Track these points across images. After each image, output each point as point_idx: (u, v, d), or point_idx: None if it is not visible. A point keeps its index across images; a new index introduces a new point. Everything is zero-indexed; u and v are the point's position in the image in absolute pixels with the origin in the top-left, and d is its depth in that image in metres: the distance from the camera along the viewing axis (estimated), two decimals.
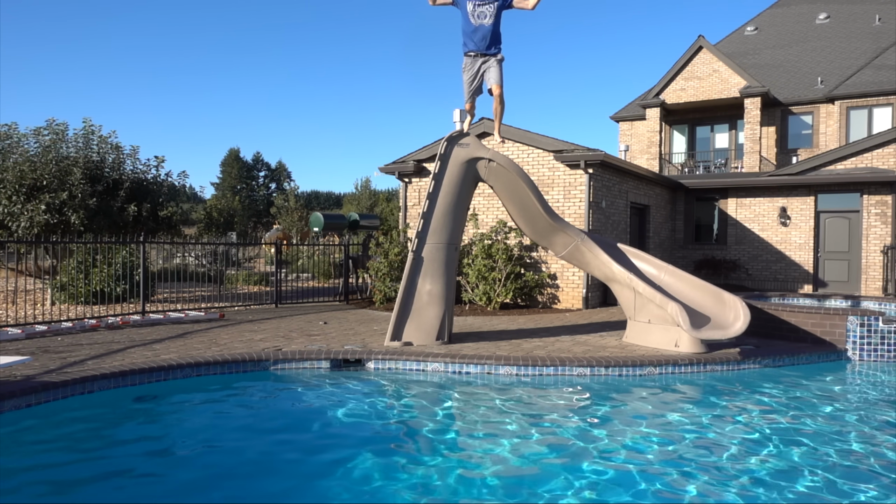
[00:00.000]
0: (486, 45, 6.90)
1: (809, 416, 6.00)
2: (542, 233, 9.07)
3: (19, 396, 5.64)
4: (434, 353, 7.72)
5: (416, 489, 4.23)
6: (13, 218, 13.00)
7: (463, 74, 7.20)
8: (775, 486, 4.28)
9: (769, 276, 17.92)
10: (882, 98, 21.00)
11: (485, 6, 6.80)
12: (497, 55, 7.01)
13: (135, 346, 8.16)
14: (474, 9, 6.82)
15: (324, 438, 5.30)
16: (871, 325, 8.52)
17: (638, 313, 8.64)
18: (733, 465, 4.68)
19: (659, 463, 4.72)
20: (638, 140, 24.49)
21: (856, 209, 16.79)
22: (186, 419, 5.84)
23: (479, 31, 6.82)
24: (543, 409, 6.17)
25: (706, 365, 7.64)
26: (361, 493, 4.16)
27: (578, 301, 12.93)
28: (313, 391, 6.72)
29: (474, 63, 7.06)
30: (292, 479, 4.42)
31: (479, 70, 7.11)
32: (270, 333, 9.34)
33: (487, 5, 6.80)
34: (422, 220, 8.50)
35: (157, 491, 4.25)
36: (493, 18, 6.78)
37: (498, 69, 7.00)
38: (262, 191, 68.21)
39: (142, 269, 11.42)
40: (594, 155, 12.62)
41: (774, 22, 26.81)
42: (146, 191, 14.85)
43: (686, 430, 5.53)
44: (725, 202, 18.62)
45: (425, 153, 14.42)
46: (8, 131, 14.22)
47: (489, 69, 7.01)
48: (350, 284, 15.00)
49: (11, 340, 8.42)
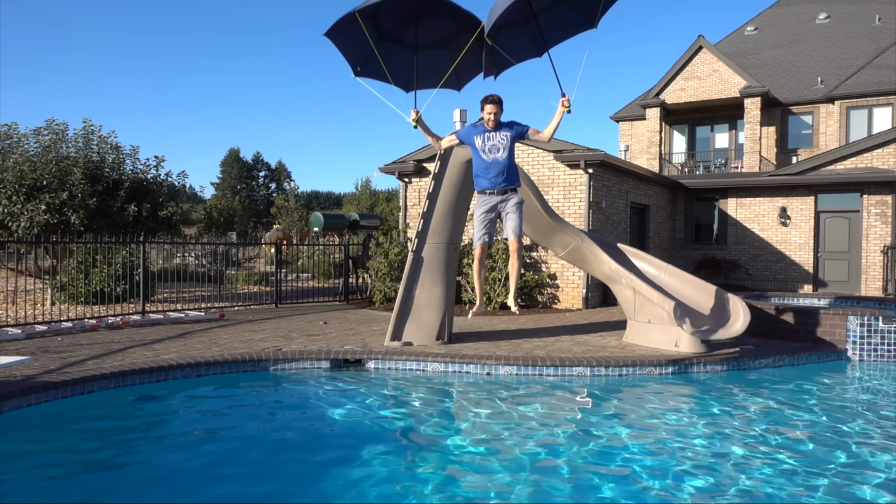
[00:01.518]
0: (503, 180, 5.84)
1: (809, 415, 6.00)
2: (542, 233, 9.07)
3: (19, 396, 5.64)
4: (434, 353, 7.72)
5: (416, 489, 4.23)
6: (13, 218, 13.00)
7: (475, 210, 6.02)
8: (775, 486, 4.28)
9: (769, 276, 17.92)
10: (882, 98, 21.00)
11: (496, 139, 5.82)
12: (517, 193, 5.95)
13: (135, 346, 8.16)
14: (484, 143, 5.84)
15: (324, 438, 5.30)
16: (871, 325, 8.52)
17: (638, 313, 8.63)
18: (733, 465, 4.67)
19: (659, 463, 4.71)
20: (638, 140, 24.49)
21: (856, 209, 16.79)
22: (186, 419, 5.84)
23: (494, 167, 5.81)
24: (543, 410, 6.17)
25: (706, 365, 7.64)
26: (361, 494, 4.16)
27: (578, 301, 12.93)
28: (313, 391, 6.72)
29: (489, 200, 5.90)
30: (292, 479, 4.41)
31: (496, 209, 5.93)
32: (270, 333, 9.34)
33: (499, 137, 5.82)
34: (422, 220, 8.50)
35: (157, 491, 4.24)
36: (508, 151, 5.81)
37: (517, 216, 5.82)
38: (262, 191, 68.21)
39: (142, 269, 11.42)
40: (594, 155, 12.63)
41: (774, 22, 26.81)
42: (146, 191, 14.85)
43: (686, 430, 5.53)
44: (725, 202, 18.62)
45: (425, 153, 14.42)
46: (8, 131, 14.23)
47: (508, 214, 5.85)
48: (350, 284, 15.00)
49: (11, 340, 8.42)
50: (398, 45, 6.08)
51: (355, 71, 6.09)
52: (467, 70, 6.27)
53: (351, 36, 5.69)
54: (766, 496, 4.12)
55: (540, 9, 5.82)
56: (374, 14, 5.70)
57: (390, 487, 4.26)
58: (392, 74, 6.20)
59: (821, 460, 4.77)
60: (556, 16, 5.95)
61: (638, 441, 5.21)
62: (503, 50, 5.91)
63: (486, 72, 6.02)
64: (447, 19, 5.74)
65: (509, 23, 5.55)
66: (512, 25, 5.72)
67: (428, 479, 4.41)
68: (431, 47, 6.09)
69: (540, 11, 5.83)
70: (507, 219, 5.88)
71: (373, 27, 5.81)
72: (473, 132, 5.88)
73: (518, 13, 5.56)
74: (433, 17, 5.80)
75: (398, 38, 6.04)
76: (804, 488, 4.26)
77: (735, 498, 4.11)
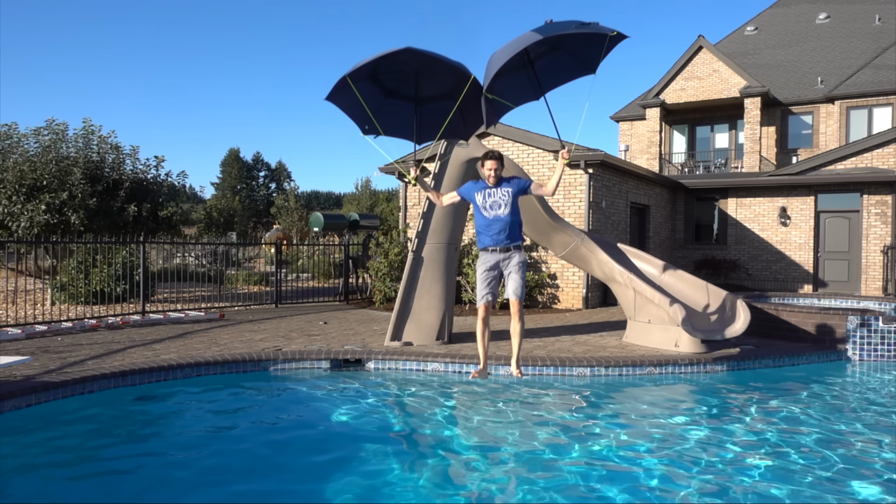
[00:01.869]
0: (505, 237, 5.59)
1: (809, 415, 5.99)
2: (542, 233, 9.08)
3: (19, 396, 5.64)
4: (434, 354, 7.72)
5: (417, 489, 4.23)
6: (13, 218, 13.00)
7: (477, 267, 5.77)
8: (775, 485, 4.28)
9: (769, 276, 17.92)
10: (882, 98, 21.00)
11: (497, 195, 5.61)
12: (520, 251, 5.69)
13: (135, 346, 8.16)
14: (485, 200, 5.62)
15: (324, 438, 5.30)
16: (872, 325, 8.52)
17: (638, 313, 8.63)
18: (733, 465, 4.67)
19: (658, 462, 4.71)
20: (638, 140, 24.49)
21: (856, 209, 16.79)
22: (186, 419, 5.84)
23: (496, 224, 5.58)
24: (543, 410, 6.17)
25: (706, 365, 7.64)
26: (361, 494, 4.16)
27: (578, 301, 12.93)
28: (313, 391, 6.71)
29: (492, 257, 5.64)
30: (292, 479, 4.42)
31: (498, 266, 5.66)
32: (270, 333, 9.34)
33: (500, 193, 5.62)
34: (422, 220, 8.50)
35: (157, 490, 4.24)
36: (510, 207, 5.59)
37: (520, 276, 5.57)
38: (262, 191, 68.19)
39: (142, 269, 11.42)
40: (594, 155, 12.63)
41: (774, 22, 26.81)
42: (146, 191, 14.85)
43: (686, 430, 5.53)
44: (725, 202, 18.62)
45: (425, 153, 14.39)
46: (8, 131, 14.23)
47: (510, 274, 5.60)
48: (350, 284, 15.00)
49: (11, 340, 8.42)
50: (403, 99, 5.97)
51: (363, 130, 5.95)
52: (473, 120, 6.18)
53: (351, 97, 5.61)
54: (767, 496, 4.12)
55: (537, 55, 5.73)
56: (373, 74, 5.65)
57: (390, 487, 4.26)
58: (399, 129, 6.12)
59: (821, 460, 4.77)
60: (554, 62, 5.84)
61: (638, 441, 5.21)
62: (501, 96, 5.81)
63: (487, 121, 5.91)
64: (446, 73, 5.66)
65: (506, 69, 5.45)
66: (509, 72, 5.61)
67: (428, 479, 4.41)
68: (436, 100, 6.00)
69: (537, 58, 5.75)
70: (508, 278, 5.61)
71: (374, 85, 5.77)
72: (474, 188, 5.72)
73: (515, 60, 5.46)
74: (431, 73, 5.72)
75: (402, 94, 5.94)
76: (804, 488, 4.26)
77: (735, 497, 4.11)
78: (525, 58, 5.62)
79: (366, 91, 5.64)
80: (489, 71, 5.35)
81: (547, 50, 5.77)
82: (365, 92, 5.62)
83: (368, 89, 5.70)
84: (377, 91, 5.84)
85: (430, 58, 5.42)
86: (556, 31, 5.19)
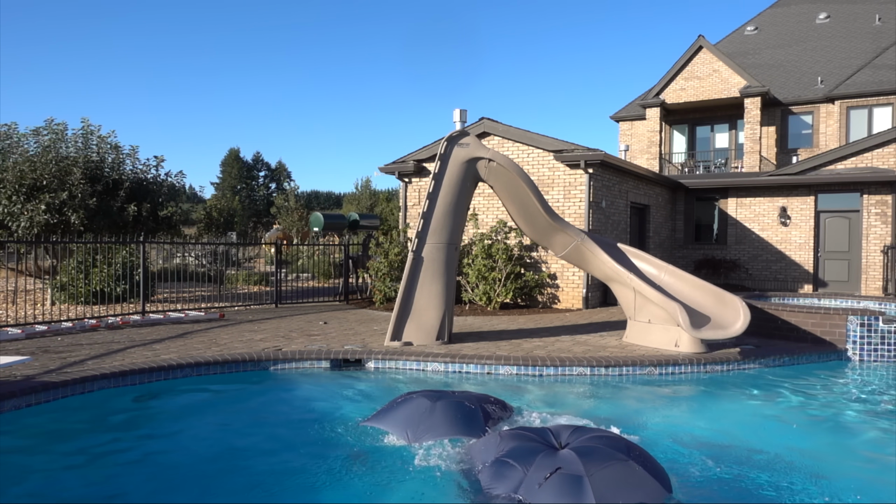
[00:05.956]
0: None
1: (809, 415, 6.00)
2: (542, 233, 9.07)
3: (19, 396, 5.65)
4: (434, 353, 7.72)
5: (417, 489, 4.23)
6: (13, 218, 13.00)
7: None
8: (775, 485, 4.28)
9: (769, 275, 17.92)
10: (882, 98, 21.01)
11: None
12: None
13: (135, 346, 8.16)
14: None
15: (323, 438, 5.29)
16: (871, 325, 8.52)
17: (638, 313, 8.63)
18: (732, 465, 4.67)
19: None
20: (638, 140, 24.50)
21: (856, 209, 16.79)
22: (186, 419, 5.84)
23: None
24: (543, 410, 6.16)
25: (706, 365, 7.64)
26: (361, 494, 4.16)
27: (578, 301, 12.93)
28: (313, 391, 6.71)
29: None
30: (292, 479, 4.41)
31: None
32: (270, 333, 9.34)
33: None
34: (422, 220, 8.50)
35: (157, 490, 4.24)
36: None
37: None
38: (262, 191, 68.20)
39: (142, 269, 11.42)
40: (594, 155, 12.63)
41: (774, 22, 26.82)
42: (146, 191, 14.85)
43: (685, 430, 5.53)
44: (725, 202, 18.62)
45: (425, 153, 14.42)
46: (8, 131, 14.23)
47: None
48: (350, 284, 15.00)
49: (11, 340, 8.42)
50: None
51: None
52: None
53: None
54: (767, 496, 4.12)
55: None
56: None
57: (390, 487, 4.26)
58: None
59: (821, 459, 4.77)
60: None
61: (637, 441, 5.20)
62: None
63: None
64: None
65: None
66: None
67: (428, 479, 4.40)
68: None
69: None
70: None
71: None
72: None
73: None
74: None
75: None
76: (804, 488, 4.26)
77: (734, 497, 4.11)
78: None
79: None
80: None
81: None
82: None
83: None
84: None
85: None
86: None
